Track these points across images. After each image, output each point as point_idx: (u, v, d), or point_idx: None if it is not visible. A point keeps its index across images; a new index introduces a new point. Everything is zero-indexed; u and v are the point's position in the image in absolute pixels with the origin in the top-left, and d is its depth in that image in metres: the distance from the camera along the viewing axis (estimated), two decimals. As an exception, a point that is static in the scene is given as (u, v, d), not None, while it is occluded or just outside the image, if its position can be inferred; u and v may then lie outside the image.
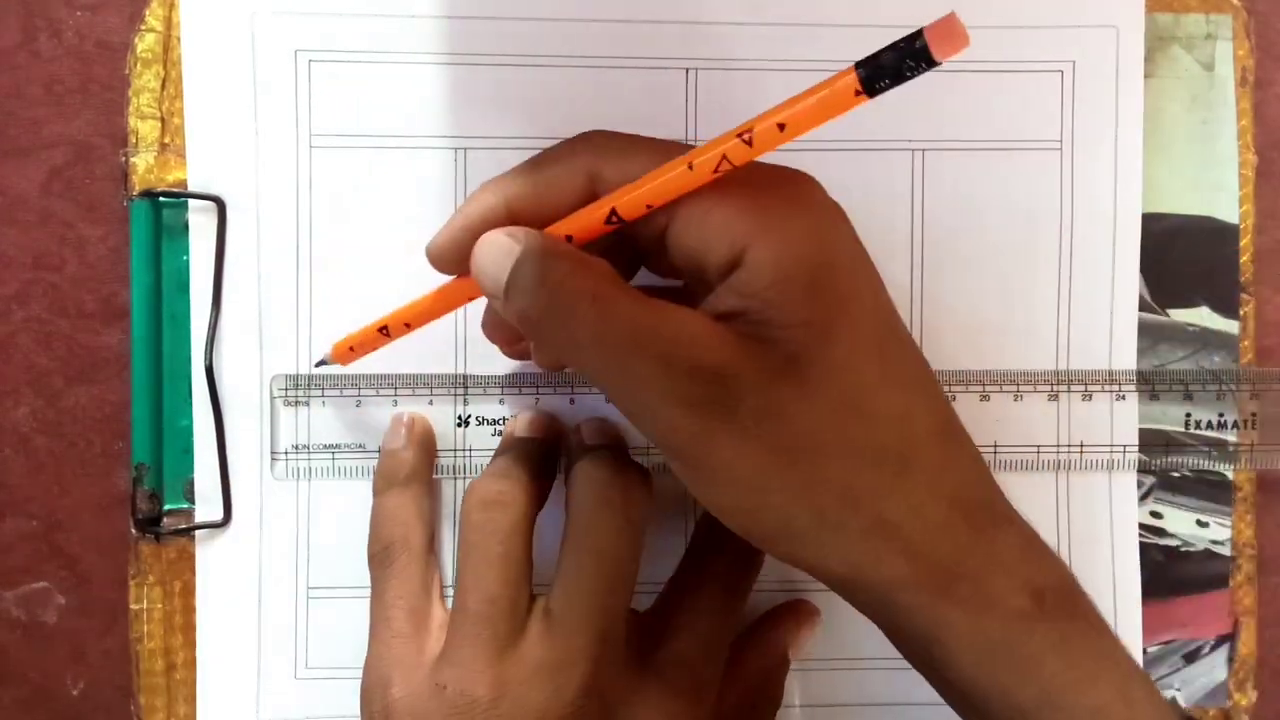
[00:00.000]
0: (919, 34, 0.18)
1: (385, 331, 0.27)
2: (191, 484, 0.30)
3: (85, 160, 0.30)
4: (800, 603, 0.30)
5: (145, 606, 0.30)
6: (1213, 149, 0.31)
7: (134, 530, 0.30)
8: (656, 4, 0.30)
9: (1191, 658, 0.31)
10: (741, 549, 0.28)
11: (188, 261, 0.30)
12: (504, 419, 0.30)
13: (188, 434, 0.30)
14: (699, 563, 0.28)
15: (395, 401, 0.30)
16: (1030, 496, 0.31)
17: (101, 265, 0.30)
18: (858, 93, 0.19)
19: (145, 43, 0.30)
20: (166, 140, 0.30)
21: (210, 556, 0.30)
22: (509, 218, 0.24)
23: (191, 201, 0.30)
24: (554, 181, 0.23)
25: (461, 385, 0.30)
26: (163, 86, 0.30)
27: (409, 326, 0.27)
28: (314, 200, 0.30)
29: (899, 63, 0.18)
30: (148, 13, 0.30)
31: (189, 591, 0.30)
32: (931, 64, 0.18)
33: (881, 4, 0.30)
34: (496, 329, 0.27)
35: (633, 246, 0.24)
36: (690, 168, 0.21)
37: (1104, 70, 0.30)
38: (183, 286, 0.30)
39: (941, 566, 0.22)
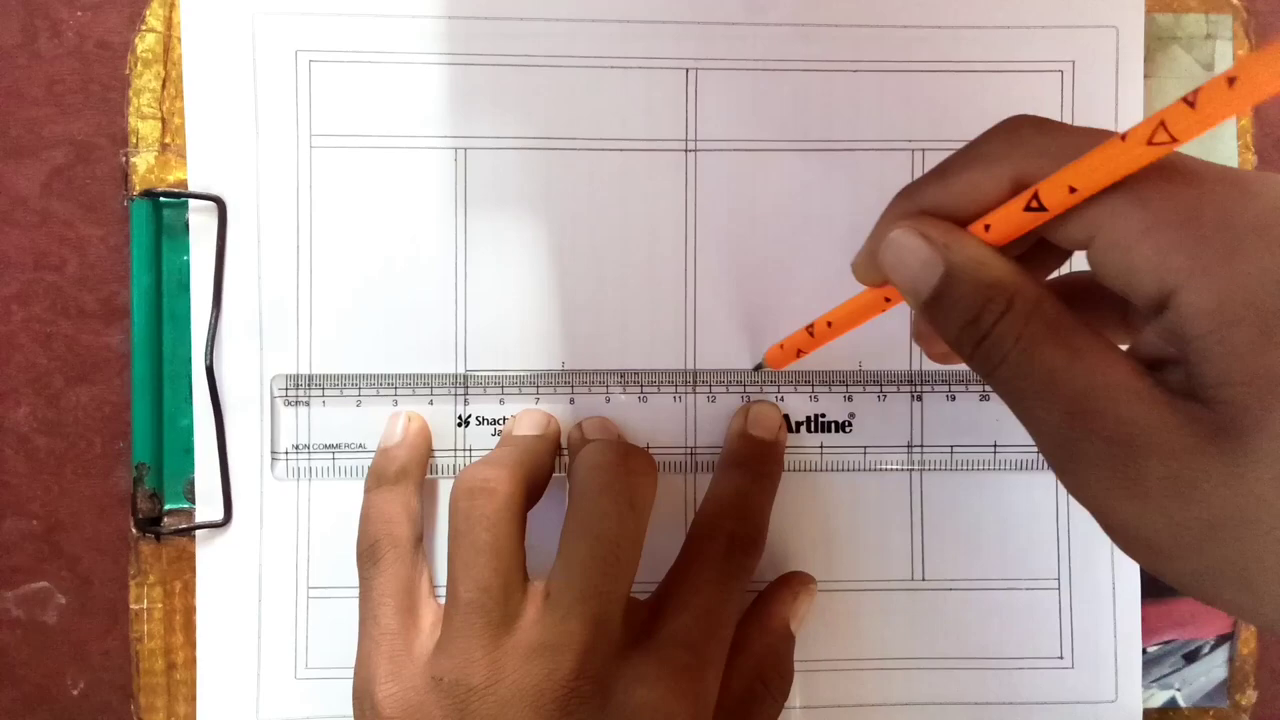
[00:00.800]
0: None
1: (811, 332, 0.27)
2: (192, 484, 0.30)
3: (85, 160, 0.30)
4: (795, 574, 0.30)
5: (145, 606, 0.30)
6: (1212, 149, 0.31)
7: (134, 530, 0.30)
8: (656, 4, 0.30)
9: (1191, 658, 0.31)
10: (738, 533, 0.28)
11: (188, 261, 0.30)
12: (504, 419, 0.30)
13: (188, 434, 0.30)
14: (696, 548, 0.28)
15: (395, 401, 0.30)
16: (1030, 496, 0.31)
17: (102, 265, 0.30)
18: None
19: (146, 43, 0.30)
20: (167, 140, 0.30)
21: (210, 556, 0.30)
22: None
23: (192, 201, 0.30)
24: (973, 186, 0.21)
25: (461, 385, 0.30)
26: (163, 86, 0.30)
27: (830, 327, 0.26)
28: (314, 200, 0.30)
29: None
30: (148, 13, 0.30)
31: (189, 591, 0.30)
32: None
33: (881, 4, 0.30)
34: (930, 349, 0.26)
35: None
36: (1123, 139, 0.18)
37: (1104, 70, 0.30)
38: (183, 286, 0.30)
39: None
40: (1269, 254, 0.18)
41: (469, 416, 0.30)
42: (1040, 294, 0.20)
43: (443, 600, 0.27)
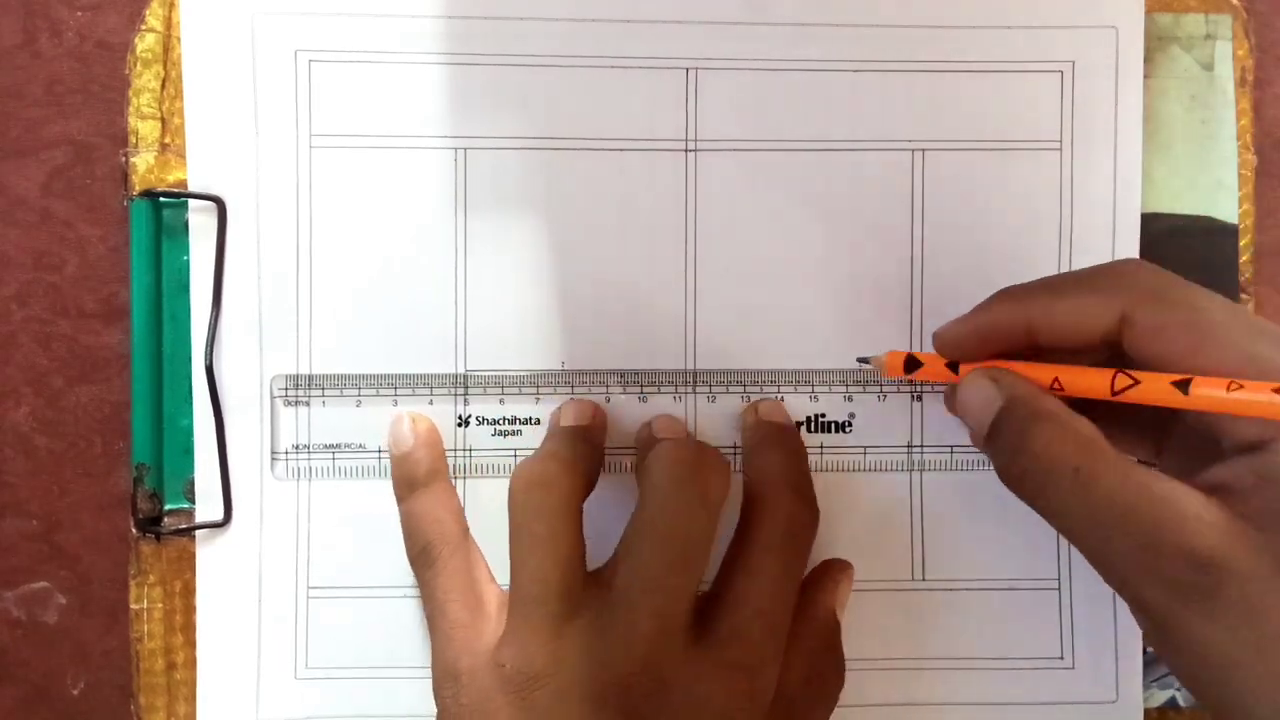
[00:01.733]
0: None
1: (955, 371, 0.27)
2: (192, 484, 0.30)
3: (85, 160, 0.30)
4: (833, 562, 0.30)
5: (145, 606, 0.30)
6: (1212, 149, 0.31)
7: (134, 530, 0.30)
8: (657, 3, 0.30)
9: (1191, 658, 0.31)
10: (798, 513, 0.27)
11: (188, 261, 0.30)
12: (504, 419, 0.30)
13: (188, 434, 0.30)
14: (756, 530, 0.27)
15: (395, 401, 0.30)
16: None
17: (101, 265, 0.30)
18: None
19: (145, 43, 0.30)
20: (167, 140, 0.30)
21: (210, 556, 0.30)
22: (1025, 334, 0.25)
23: (192, 201, 0.30)
24: (1082, 311, 0.24)
25: (462, 385, 0.30)
26: (163, 86, 0.30)
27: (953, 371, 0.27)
28: (314, 200, 0.30)
29: None
30: (148, 13, 0.30)
31: (189, 591, 0.30)
32: None
33: (881, 4, 0.30)
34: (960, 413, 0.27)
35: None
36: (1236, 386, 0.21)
37: (1104, 70, 0.30)
38: (183, 286, 0.30)
39: None
40: None
41: (469, 416, 0.30)
42: (1095, 431, 0.23)
43: (504, 586, 0.27)
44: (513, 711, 0.25)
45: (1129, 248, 0.31)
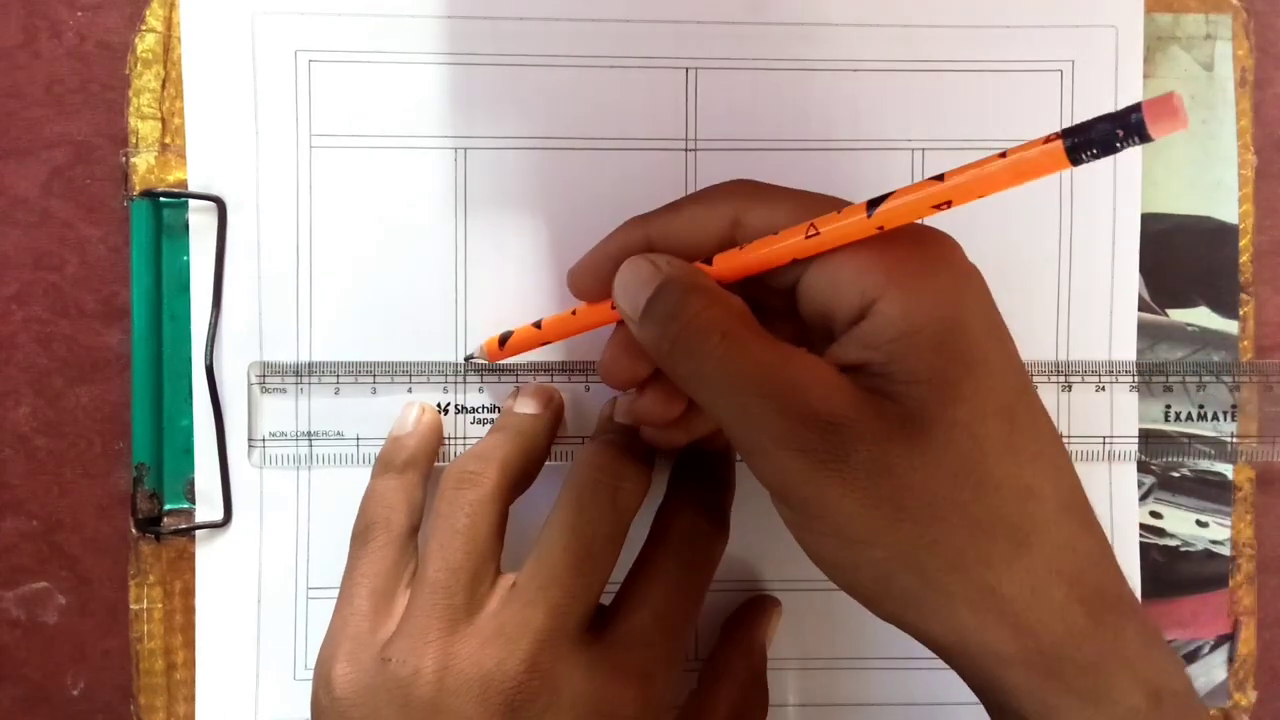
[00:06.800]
0: (1137, 107, 0.17)
1: (538, 325, 0.28)
2: (192, 484, 0.30)
3: (85, 160, 0.30)
4: (764, 597, 0.30)
5: (145, 606, 0.30)
6: (1212, 149, 0.31)
7: (134, 530, 0.30)
8: (656, 3, 0.30)
9: (1191, 658, 0.31)
10: (699, 530, 0.27)
11: (188, 262, 0.30)
12: (483, 406, 0.30)
13: (188, 434, 0.30)
14: (657, 544, 0.27)
15: (374, 389, 0.30)
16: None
17: (102, 265, 0.30)
18: (1062, 159, 0.18)
19: (145, 43, 0.30)
20: (167, 140, 0.30)
21: (210, 556, 0.30)
22: (649, 250, 0.25)
23: (192, 201, 0.30)
24: (697, 221, 0.25)
25: (440, 373, 0.30)
26: (163, 87, 0.30)
27: (546, 329, 0.28)
28: (314, 200, 0.30)
29: (1110, 134, 0.18)
30: (148, 13, 0.30)
31: (189, 591, 0.30)
32: (1145, 139, 0.17)
33: (880, 4, 0.30)
34: (613, 369, 0.27)
35: (761, 304, 0.25)
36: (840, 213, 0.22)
37: (1103, 70, 0.30)
38: (183, 286, 0.30)
39: (1054, 650, 0.21)
40: (945, 279, 0.22)
41: (448, 405, 0.30)
42: (744, 305, 0.23)
43: None
44: (392, 711, 0.24)
45: (1129, 248, 0.31)
